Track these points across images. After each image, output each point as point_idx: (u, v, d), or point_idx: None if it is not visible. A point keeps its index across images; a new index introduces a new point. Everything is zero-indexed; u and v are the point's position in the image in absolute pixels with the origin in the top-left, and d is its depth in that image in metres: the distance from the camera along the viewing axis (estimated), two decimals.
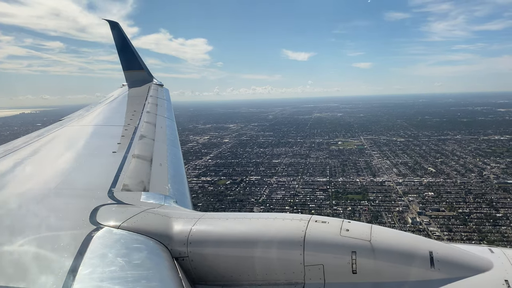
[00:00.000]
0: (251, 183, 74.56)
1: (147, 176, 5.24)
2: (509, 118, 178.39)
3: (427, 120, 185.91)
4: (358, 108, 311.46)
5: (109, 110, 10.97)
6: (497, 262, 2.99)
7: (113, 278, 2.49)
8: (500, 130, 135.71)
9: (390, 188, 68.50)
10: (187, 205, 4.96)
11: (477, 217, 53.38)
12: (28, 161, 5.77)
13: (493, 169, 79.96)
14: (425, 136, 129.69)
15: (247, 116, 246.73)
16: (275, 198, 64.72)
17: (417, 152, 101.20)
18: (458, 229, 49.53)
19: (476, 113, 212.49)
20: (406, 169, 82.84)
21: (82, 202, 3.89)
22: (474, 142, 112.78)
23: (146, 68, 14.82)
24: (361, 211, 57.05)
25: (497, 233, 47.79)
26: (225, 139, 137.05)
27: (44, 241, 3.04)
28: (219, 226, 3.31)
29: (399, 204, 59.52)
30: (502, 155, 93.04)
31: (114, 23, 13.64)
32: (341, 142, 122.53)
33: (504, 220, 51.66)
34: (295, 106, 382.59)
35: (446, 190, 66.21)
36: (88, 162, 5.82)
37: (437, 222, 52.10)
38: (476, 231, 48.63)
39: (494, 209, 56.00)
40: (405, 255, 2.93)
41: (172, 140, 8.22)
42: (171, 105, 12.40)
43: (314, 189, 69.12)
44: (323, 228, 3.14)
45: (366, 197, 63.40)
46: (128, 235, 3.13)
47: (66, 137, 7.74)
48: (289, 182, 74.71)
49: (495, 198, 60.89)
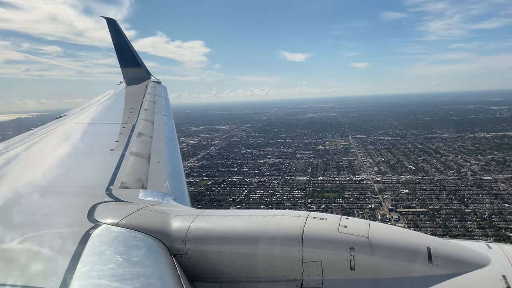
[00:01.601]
0: (232, 184, 75.55)
1: (145, 173, 5.24)
2: (499, 116, 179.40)
3: (418, 119, 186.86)
4: (352, 108, 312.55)
5: (107, 107, 10.92)
6: (495, 258, 3.02)
7: (111, 275, 2.50)
8: (488, 127, 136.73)
9: (367, 186, 69.46)
10: (185, 203, 5.00)
11: (446, 213, 54.32)
12: (25, 159, 5.79)
13: (473, 166, 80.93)
14: (413, 134, 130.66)
15: (241, 118, 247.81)
16: (252, 198, 65.73)
17: (401, 150, 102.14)
18: (425, 224, 50.44)
19: (468, 111, 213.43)
20: (387, 167, 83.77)
21: (80, 200, 3.87)
22: (460, 140, 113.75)
23: (144, 66, 14.85)
24: (334, 209, 58.05)
25: (462, 228, 48.72)
26: (215, 140, 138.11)
27: (42, 239, 3.06)
28: (217, 223, 3.34)
29: (373, 202, 60.51)
30: (484, 152, 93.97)
31: (111, 20, 13.62)
32: (329, 142, 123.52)
33: (471, 216, 52.60)
34: (291, 107, 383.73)
35: (422, 187, 67.20)
36: (86, 160, 5.81)
37: (406, 218, 53.03)
38: (442, 226, 49.54)
39: (464, 205, 56.94)
40: (403, 251, 2.96)
41: (170, 137, 8.21)
42: (169, 103, 12.37)
43: (293, 188, 70.14)
44: (321, 225, 3.16)
45: (342, 195, 64.34)
46: (127, 232, 3.14)
47: (64, 135, 7.71)
48: (269, 182, 75.63)
49: (467, 194, 61.89)
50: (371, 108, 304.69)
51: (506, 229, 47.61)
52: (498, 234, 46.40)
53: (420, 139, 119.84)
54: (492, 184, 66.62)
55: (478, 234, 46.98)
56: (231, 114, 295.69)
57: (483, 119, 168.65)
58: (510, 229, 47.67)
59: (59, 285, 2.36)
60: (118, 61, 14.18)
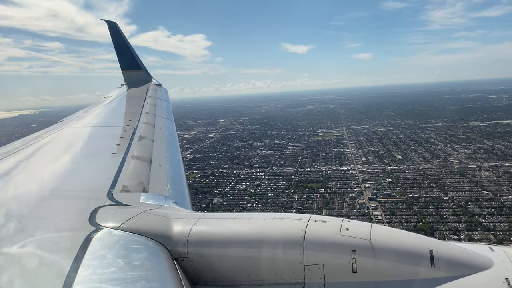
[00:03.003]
0: (220, 176, 76.94)
1: (146, 177, 5.26)
2: (497, 105, 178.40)
3: (415, 109, 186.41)
4: (352, 100, 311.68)
5: (108, 111, 11.00)
6: (497, 260, 3.00)
7: (113, 279, 2.51)
8: (483, 116, 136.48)
9: (351, 176, 70.49)
10: (186, 206, 4.99)
11: (424, 201, 55.24)
12: (27, 163, 5.80)
13: (460, 154, 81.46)
14: (407, 124, 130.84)
15: (240, 111, 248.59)
16: (237, 189, 67.05)
17: (392, 140, 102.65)
18: (402, 212, 51.48)
19: (467, 101, 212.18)
20: (375, 157, 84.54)
21: (82, 204, 3.88)
22: (452, 129, 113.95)
23: (145, 68, 15.02)
24: (315, 198, 59.27)
25: (436, 215, 49.74)
26: (210, 134, 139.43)
27: (44, 242, 3.07)
28: (218, 227, 3.34)
29: (354, 191, 61.49)
30: (475, 141, 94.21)
31: (112, 23, 13.79)
32: (322, 134, 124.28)
33: (449, 203, 53.46)
34: (292, 100, 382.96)
35: (405, 176, 68.07)
36: (87, 164, 5.85)
37: (384, 207, 54.05)
38: (417, 214, 50.57)
39: (444, 193, 57.81)
40: (405, 254, 2.95)
41: (171, 141, 8.24)
42: (170, 106, 12.45)
43: (279, 179, 71.34)
44: (323, 228, 3.14)
45: (325, 185, 65.48)
46: (128, 236, 3.15)
47: (66, 138, 7.76)
48: (257, 174, 76.90)
49: (449, 182, 62.71)
50: (371, 99, 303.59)
51: (479, 216, 48.51)
52: (470, 220, 47.35)
53: (413, 129, 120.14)
54: (476, 172, 67.32)
55: (451, 220, 47.99)
56: (231, 108, 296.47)
57: (480, 108, 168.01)
58: (483, 215, 48.58)
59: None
60: (119, 63, 14.40)
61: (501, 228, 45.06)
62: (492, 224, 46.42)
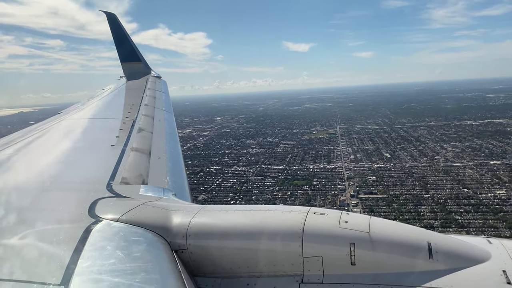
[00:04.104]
0: (208, 173, 77.84)
1: (145, 169, 5.25)
2: (492, 104, 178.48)
3: (411, 107, 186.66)
4: (350, 98, 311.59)
5: (107, 103, 10.91)
6: (495, 253, 3.03)
7: (112, 270, 2.51)
8: (477, 115, 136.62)
9: (337, 174, 71.22)
10: (186, 198, 5.02)
11: (405, 198, 56.01)
12: (26, 154, 5.79)
13: (448, 153, 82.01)
14: (401, 123, 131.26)
15: (238, 109, 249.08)
16: (224, 187, 67.98)
17: (383, 139, 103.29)
18: (381, 209, 52.14)
19: (464, 99, 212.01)
20: (363, 155, 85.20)
21: (81, 195, 3.89)
22: (445, 128, 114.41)
23: (144, 60, 14.85)
24: (298, 195, 60.10)
25: (414, 212, 50.51)
26: (205, 131, 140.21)
27: (43, 234, 3.06)
28: (218, 219, 3.36)
29: (338, 188, 62.32)
30: (465, 139, 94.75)
31: (111, 15, 13.64)
32: (316, 132, 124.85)
33: (428, 201, 54.23)
34: (291, 98, 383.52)
35: (390, 174, 68.84)
36: (87, 156, 5.85)
37: (364, 204, 54.85)
38: (396, 211, 51.35)
39: (425, 190, 58.55)
40: (404, 246, 2.97)
41: (170, 133, 8.23)
42: (169, 98, 12.38)
43: (266, 177, 72.19)
44: (322, 220, 3.15)
45: (310, 182, 66.28)
46: (127, 228, 3.16)
47: (65, 130, 7.74)
48: (245, 171, 77.73)
49: (432, 180, 63.42)
50: (370, 97, 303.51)
51: (456, 213, 49.24)
52: (446, 217, 48.07)
53: (406, 127, 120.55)
54: (460, 170, 67.97)
55: (428, 217, 48.74)
56: (229, 106, 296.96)
57: (475, 107, 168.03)
58: (460, 212, 49.31)
59: (60, 280, 2.37)
60: (118, 55, 14.26)
61: (474, 225, 45.74)
62: (467, 221, 47.13)
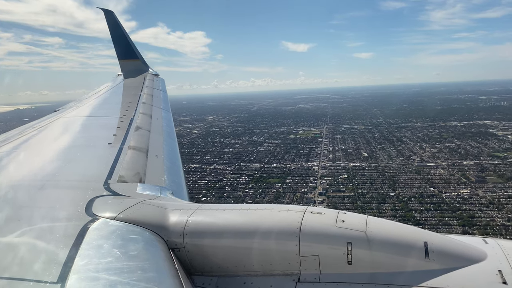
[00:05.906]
0: (186, 171, 78.78)
1: (143, 167, 5.24)
2: (482, 105, 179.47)
3: (402, 108, 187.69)
4: (346, 99, 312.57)
5: (104, 101, 10.86)
6: (491, 253, 3.04)
7: (109, 269, 2.51)
8: (464, 117, 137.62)
9: (311, 172, 72.23)
10: (183, 197, 5.02)
11: (371, 196, 57.06)
12: (22, 152, 5.75)
13: (425, 153, 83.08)
14: (387, 123, 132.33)
15: (232, 108, 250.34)
16: (198, 184, 69.04)
17: (366, 139, 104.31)
18: (344, 207, 52.78)
19: (456, 101, 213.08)
20: (342, 155, 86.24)
21: (78, 194, 3.87)
22: (429, 129, 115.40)
23: (142, 58, 14.77)
24: (269, 193, 61.18)
25: (376, 210, 51.45)
26: (194, 130, 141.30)
27: (40, 232, 3.06)
28: (215, 217, 3.36)
29: (308, 186, 63.45)
30: (445, 140, 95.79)
31: (109, 12, 13.55)
32: (302, 131, 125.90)
33: (392, 199, 55.29)
34: (287, 98, 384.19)
35: (363, 173, 69.82)
36: (84, 154, 5.79)
37: (330, 201, 55.91)
38: (359, 208, 52.32)
39: (392, 189, 59.59)
40: (400, 245, 2.98)
41: (168, 131, 8.21)
42: (167, 96, 12.37)
43: (242, 175, 73.26)
44: (319, 219, 3.16)
45: (283, 180, 67.35)
46: (124, 226, 3.15)
47: (62, 128, 7.69)
48: (223, 169, 78.77)
49: (402, 179, 64.44)
50: (365, 98, 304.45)
51: (416, 211, 50.31)
52: (405, 215, 49.06)
53: (392, 128, 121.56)
54: (432, 170, 69.01)
55: (388, 215, 49.63)
56: (225, 105, 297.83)
57: (465, 108, 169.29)
58: (420, 210, 50.38)
59: (57, 278, 2.37)
60: (116, 52, 14.16)
61: (430, 223, 46.72)
62: (424, 219, 48.20)
